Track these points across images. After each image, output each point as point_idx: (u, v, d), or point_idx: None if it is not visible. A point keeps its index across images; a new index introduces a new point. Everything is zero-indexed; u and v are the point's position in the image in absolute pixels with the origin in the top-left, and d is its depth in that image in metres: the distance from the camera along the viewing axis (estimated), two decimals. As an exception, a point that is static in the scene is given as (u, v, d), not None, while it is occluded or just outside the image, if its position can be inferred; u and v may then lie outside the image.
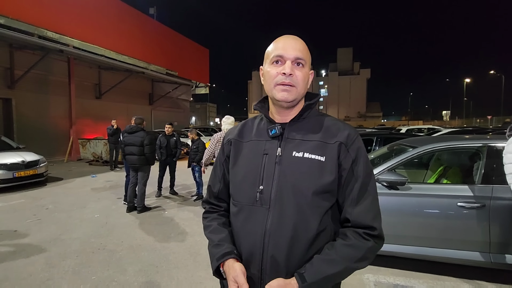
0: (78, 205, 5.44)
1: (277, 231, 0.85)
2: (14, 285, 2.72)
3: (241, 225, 0.92)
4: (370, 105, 72.32)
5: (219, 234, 0.96)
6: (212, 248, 0.95)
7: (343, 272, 0.83)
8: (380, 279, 2.77)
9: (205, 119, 63.00)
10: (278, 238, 0.85)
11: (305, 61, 0.90)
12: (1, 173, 6.30)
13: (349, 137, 0.90)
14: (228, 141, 1.04)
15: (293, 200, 0.85)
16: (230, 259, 0.88)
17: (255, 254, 0.87)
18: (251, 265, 0.88)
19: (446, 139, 3.10)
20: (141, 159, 4.95)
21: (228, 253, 0.89)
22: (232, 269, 0.85)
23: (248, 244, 0.89)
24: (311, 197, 0.85)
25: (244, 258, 0.90)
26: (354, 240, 0.85)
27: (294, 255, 0.85)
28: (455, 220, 2.60)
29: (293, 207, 0.85)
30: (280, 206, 0.86)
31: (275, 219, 0.86)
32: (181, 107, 22.63)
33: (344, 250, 0.84)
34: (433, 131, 12.75)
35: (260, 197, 0.88)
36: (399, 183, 2.69)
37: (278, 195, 0.86)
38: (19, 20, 9.20)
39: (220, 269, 0.90)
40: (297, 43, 0.90)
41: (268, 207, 0.87)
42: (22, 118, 10.91)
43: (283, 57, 0.89)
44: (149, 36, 15.62)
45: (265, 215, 0.87)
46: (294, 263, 0.85)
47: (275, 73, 0.89)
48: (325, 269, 0.81)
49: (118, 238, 3.86)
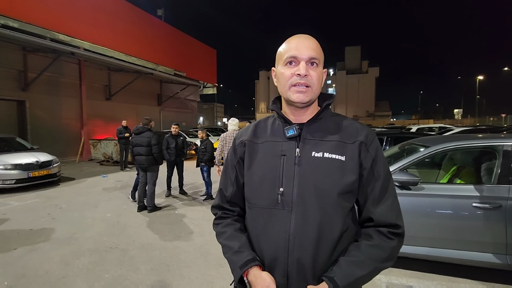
0: (90, 204, 5.55)
1: (302, 233, 0.84)
2: (31, 282, 2.80)
3: (262, 229, 0.89)
4: (379, 104, 71.46)
5: (237, 241, 0.92)
6: (231, 255, 0.91)
7: (372, 273, 0.83)
8: (392, 280, 2.74)
9: (212, 119, 63.33)
10: (303, 241, 0.83)
11: (319, 60, 0.89)
12: (16, 173, 6.48)
13: (368, 137, 0.90)
14: (241, 142, 1.00)
15: (316, 201, 0.84)
16: (255, 267, 0.85)
17: (279, 259, 0.85)
18: (275, 271, 0.85)
19: (459, 138, 3.03)
20: (148, 159, 5.02)
21: (251, 260, 0.86)
22: (260, 279, 0.82)
23: (271, 248, 0.86)
24: (335, 198, 0.85)
25: (266, 263, 0.87)
26: (379, 240, 0.85)
27: (320, 258, 0.84)
28: (469, 221, 2.55)
29: (317, 208, 0.84)
30: (303, 208, 0.85)
31: (299, 221, 0.84)
32: (189, 108, 22.80)
33: (371, 251, 0.84)
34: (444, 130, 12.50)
35: (282, 200, 0.86)
36: (411, 183, 2.65)
37: (300, 196, 0.85)
38: (32, 24, 9.42)
39: (243, 278, 0.87)
40: (310, 43, 0.89)
41: (290, 209, 0.85)
42: (35, 119, 11.19)
43: (297, 57, 0.87)
44: (157, 38, 15.78)
45: (288, 217, 0.85)
46: (320, 266, 0.84)
47: (290, 74, 0.88)
48: (354, 271, 0.81)
49: (129, 237, 3.93)
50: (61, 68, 11.89)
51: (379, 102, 71.82)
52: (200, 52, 20.40)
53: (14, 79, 10.64)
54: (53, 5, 10.20)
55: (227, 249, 0.93)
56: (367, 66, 71.00)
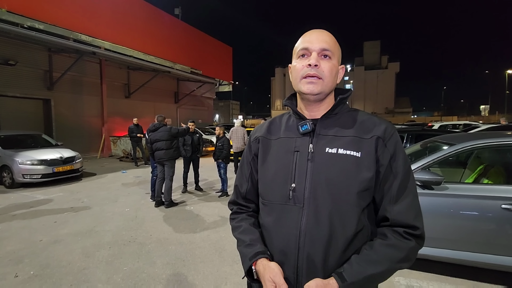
0: (110, 199, 5.74)
1: (313, 230, 0.82)
2: (55, 272, 2.93)
3: (273, 225, 0.89)
4: (399, 100, 69.12)
5: (250, 235, 0.93)
6: (243, 248, 0.92)
7: (385, 273, 0.80)
8: (412, 282, 2.64)
9: (228, 116, 63.77)
10: (314, 238, 0.82)
11: (332, 53, 0.87)
12: (42, 168, 6.81)
13: (387, 132, 0.86)
14: (255, 139, 1.00)
15: (329, 198, 0.82)
16: (263, 258, 0.86)
17: (289, 254, 0.84)
18: (285, 266, 0.85)
19: (487, 136, 2.86)
20: (168, 152, 5.15)
21: (261, 252, 0.87)
22: (268, 268, 0.82)
23: (281, 244, 0.86)
24: (348, 195, 0.81)
25: (277, 259, 0.87)
26: (395, 240, 0.81)
27: (332, 255, 0.81)
28: (498, 223, 2.40)
29: (329, 205, 0.82)
30: (315, 205, 0.83)
31: (311, 218, 0.82)
32: (205, 105, 23.05)
33: (385, 250, 0.80)
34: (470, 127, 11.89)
35: (293, 196, 0.85)
36: (434, 183, 2.52)
37: (312, 193, 0.83)
38: (57, 26, 9.83)
39: (252, 268, 0.88)
40: (323, 35, 0.89)
41: (302, 205, 0.84)
42: (60, 117, 11.71)
43: (308, 49, 0.87)
44: (174, 36, 16.02)
45: (299, 214, 0.84)
46: (331, 264, 0.81)
47: (301, 66, 0.87)
48: (365, 269, 0.78)
49: (147, 231, 4.02)
50: (83, 67, 12.35)
51: (399, 99, 69.45)
52: (216, 50, 20.53)
53: (40, 79, 11.18)
54: (75, 6, 10.59)
55: (240, 242, 0.95)
56: (386, 61, 68.76)
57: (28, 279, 2.80)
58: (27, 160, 6.72)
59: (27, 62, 10.58)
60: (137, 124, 10.02)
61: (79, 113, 12.56)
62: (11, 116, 10.34)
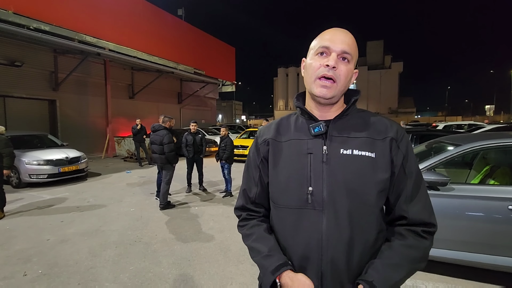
0: (115, 199, 5.79)
1: (335, 233, 0.81)
2: (63, 271, 2.96)
3: (291, 230, 0.87)
4: (403, 100, 68.65)
5: (266, 243, 0.89)
6: (261, 259, 0.87)
7: (407, 275, 0.81)
8: (418, 283, 2.63)
9: (231, 116, 63.84)
10: (337, 241, 0.81)
11: (352, 57, 0.86)
12: (48, 168, 6.89)
13: (399, 133, 0.87)
14: (264, 141, 0.96)
15: (347, 200, 0.81)
16: (289, 270, 0.82)
17: (311, 259, 0.83)
18: (308, 272, 0.83)
19: (493, 137, 2.85)
20: (162, 158, 5.07)
21: (283, 265, 0.83)
22: (298, 282, 0.79)
23: (302, 249, 0.84)
24: (367, 196, 0.82)
25: (297, 264, 0.85)
26: (413, 240, 0.83)
27: (354, 258, 0.82)
28: (504, 224, 2.39)
29: (348, 207, 0.81)
30: (334, 207, 0.82)
31: (331, 221, 0.82)
32: (208, 105, 23.11)
33: (406, 252, 0.81)
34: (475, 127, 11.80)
35: (312, 199, 0.83)
36: (440, 184, 2.52)
37: (331, 196, 0.82)
38: (62, 27, 9.93)
39: (276, 282, 0.83)
40: (346, 37, 0.86)
41: (321, 209, 0.83)
42: (65, 117, 11.82)
43: (329, 48, 0.84)
44: (178, 37, 16.09)
45: (320, 217, 0.82)
46: (354, 266, 0.82)
47: (318, 65, 0.85)
48: (392, 275, 0.78)
49: (152, 231, 4.05)
50: (88, 68, 12.45)
51: (402, 98, 68.98)
52: (219, 50, 20.58)
53: (46, 80, 11.29)
54: (80, 8, 10.69)
55: (255, 253, 0.90)
56: (390, 61, 68.32)
57: (36, 277, 2.84)
58: (34, 160, 6.80)
59: (33, 63, 10.69)
60: (140, 125, 10.06)
61: (84, 114, 12.67)
62: (17, 117, 10.47)
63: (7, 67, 9.98)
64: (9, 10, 8.41)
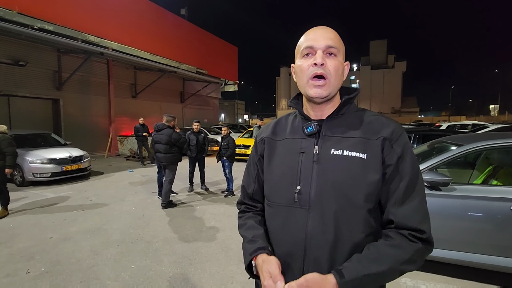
0: (117, 197, 5.82)
1: (319, 234, 0.81)
2: (65, 269, 2.99)
3: (279, 227, 0.89)
4: (406, 100, 68.33)
5: (253, 231, 0.94)
6: (246, 244, 0.92)
7: (387, 273, 0.77)
8: (419, 284, 2.62)
9: (233, 116, 63.88)
10: (321, 241, 0.81)
11: (338, 50, 0.85)
12: (52, 167, 6.94)
13: (394, 133, 0.84)
14: (261, 139, 0.99)
15: (335, 200, 0.81)
16: (264, 253, 0.85)
17: (296, 257, 0.84)
18: (292, 268, 0.84)
19: (497, 136, 2.82)
20: (167, 157, 5.09)
21: (261, 248, 0.87)
22: (267, 261, 0.82)
23: (288, 247, 0.86)
24: (355, 198, 0.80)
25: (283, 260, 0.85)
26: (399, 241, 0.78)
27: (339, 259, 0.80)
28: (507, 225, 2.37)
29: (335, 208, 0.80)
30: (321, 208, 0.81)
31: (317, 220, 0.82)
32: (211, 105, 23.14)
33: (388, 250, 0.77)
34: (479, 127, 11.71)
35: (299, 198, 0.84)
36: (441, 184, 2.51)
37: (318, 195, 0.82)
38: (66, 27, 10.00)
39: (252, 263, 0.87)
40: (327, 32, 0.86)
41: (307, 208, 0.83)
42: (68, 117, 11.90)
43: (313, 47, 0.84)
44: (180, 36, 16.13)
45: (305, 216, 0.83)
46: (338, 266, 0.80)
47: (307, 66, 0.85)
48: (366, 267, 0.75)
49: (154, 230, 4.07)
50: (91, 68, 12.52)
51: (405, 98, 68.63)
52: (221, 50, 20.60)
53: (50, 79, 11.37)
54: (84, 8, 10.75)
55: (244, 239, 0.95)
56: (393, 61, 68.01)
57: (39, 275, 2.87)
58: (37, 159, 6.85)
59: (37, 63, 10.77)
60: (143, 124, 10.13)
61: (87, 113, 12.74)
62: (21, 116, 10.55)
63: (11, 66, 10.07)
64: (13, 10, 8.48)
